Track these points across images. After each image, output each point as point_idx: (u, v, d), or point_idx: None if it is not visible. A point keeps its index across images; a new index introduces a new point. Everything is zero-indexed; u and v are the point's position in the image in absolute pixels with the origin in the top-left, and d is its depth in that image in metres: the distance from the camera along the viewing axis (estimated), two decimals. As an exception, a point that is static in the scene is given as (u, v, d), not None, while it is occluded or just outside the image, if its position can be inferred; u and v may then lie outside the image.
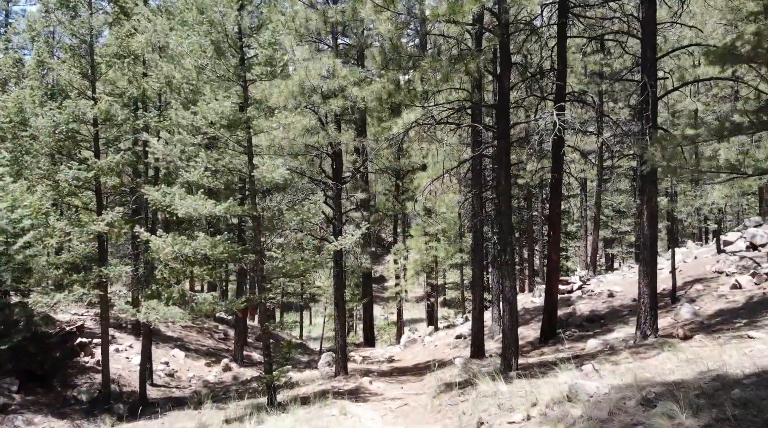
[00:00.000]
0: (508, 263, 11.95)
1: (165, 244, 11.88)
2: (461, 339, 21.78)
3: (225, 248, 12.52)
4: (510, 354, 11.93)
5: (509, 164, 12.18)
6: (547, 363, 13.72)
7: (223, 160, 12.08)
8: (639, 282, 12.72)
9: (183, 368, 20.57)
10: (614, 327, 17.19)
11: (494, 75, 12.22)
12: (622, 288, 21.90)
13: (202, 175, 12.19)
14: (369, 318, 32.15)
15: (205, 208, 11.24)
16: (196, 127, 12.09)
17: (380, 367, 20.55)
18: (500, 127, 11.87)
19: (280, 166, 11.59)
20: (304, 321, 41.32)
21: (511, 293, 11.97)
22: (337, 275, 17.45)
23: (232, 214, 12.04)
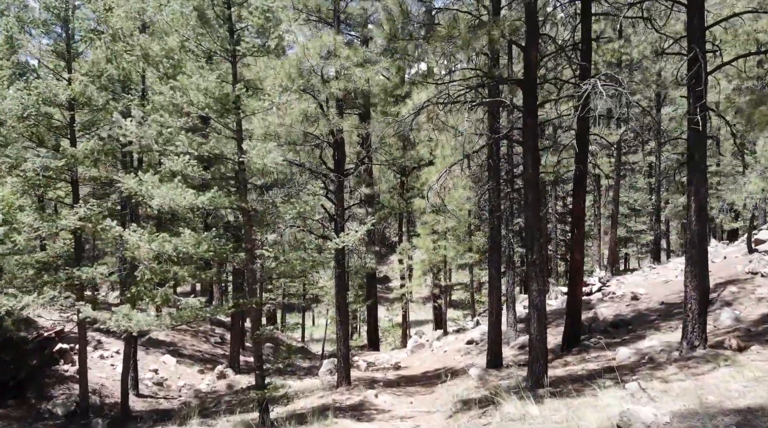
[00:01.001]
0: (535, 263, 10.17)
1: (141, 241, 10.12)
2: (473, 344, 19.99)
3: (211, 246, 10.77)
4: (538, 369, 10.15)
5: (537, 148, 10.40)
6: (577, 377, 11.93)
7: (207, 144, 10.31)
8: (686, 286, 10.91)
9: (174, 376, 18.83)
10: (645, 334, 15.37)
11: (519, 46, 10.43)
12: (646, 290, 20.08)
13: (186, 163, 10.44)
14: (373, 321, 30.38)
15: (183, 199, 9.48)
16: (176, 105, 10.33)
17: (386, 375, 18.77)
18: (527, 104, 10.09)
19: (273, 151, 9.83)
20: (307, 321, 39.58)
21: (539, 298, 10.19)
22: (339, 276, 15.69)
23: (217, 206, 10.28)
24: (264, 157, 9.87)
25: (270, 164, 10.29)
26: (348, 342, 15.88)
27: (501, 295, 14.46)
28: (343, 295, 15.79)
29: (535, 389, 10.10)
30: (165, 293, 12.63)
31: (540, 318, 10.23)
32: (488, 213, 14.11)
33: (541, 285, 10.32)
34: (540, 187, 23.05)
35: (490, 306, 14.37)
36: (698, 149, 10.57)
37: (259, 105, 10.70)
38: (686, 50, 10.88)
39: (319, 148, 15.88)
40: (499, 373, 14.00)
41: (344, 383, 15.79)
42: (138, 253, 10.33)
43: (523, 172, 10.58)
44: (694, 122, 10.24)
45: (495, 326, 14.23)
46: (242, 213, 11.18)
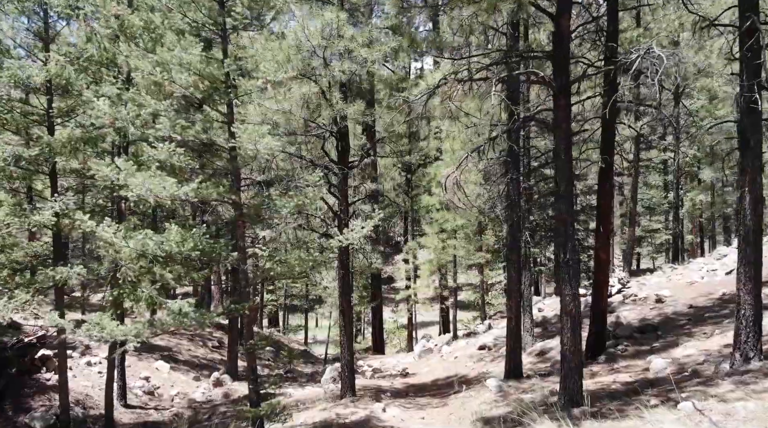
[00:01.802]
0: (568, 264, 8.74)
1: (117, 238, 8.72)
2: (485, 350, 18.55)
3: (198, 244, 9.36)
4: (572, 385, 8.71)
5: (570, 131, 8.98)
6: (613, 392, 10.48)
7: (193, 128, 8.91)
8: (738, 289, 9.43)
9: (167, 384, 17.44)
10: (677, 341, 13.91)
11: (548, 14, 9.00)
12: (670, 292, 18.60)
13: (172, 151, 9.04)
14: (378, 323, 28.95)
15: (163, 189, 8.09)
16: (159, 84, 8.92)
17: (393, 383, 17.34)
18: (558, 81, 8.65)
19: (267, 136, 8.40)
20: (310, 322, 38.15)
21: (573, 304, 8.76)
22: (343, 278, 14.28)
23: (204, 198, 8.89)
24: (256, 141, 8.45)
25: (264, 150, 8.90)
26: (352, 349, 14.47)
27: (521, 299, 13.02)
28: (348, 299, 14.37)
29: (570, 408, 8.65)
30: (150, 296, 11.26)
31: (574, 328, 8.80)
32: (507, 208, 12.67)
33: (575, 290, 8.88)
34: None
35: (508, 311, 12.93)
36: (754, 132, 9.11)
37: (252, 84, 9.28)
38: (737, 22, 9.44)
39: (321, 139, 14.48)
40: (520, 385, 12.56)
41: (349, 393, 14.38)
42: (113, 251, 8.91)
43: (555, 158, 9.14)
44: (751, 101, 8.77)
45: (514, 333, 12.78)
46: (234, 207, 9.77)
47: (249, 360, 10.02)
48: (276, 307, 33.19)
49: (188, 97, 9.16)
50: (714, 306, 16.51)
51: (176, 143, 9.14)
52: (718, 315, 15.59)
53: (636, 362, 13.31)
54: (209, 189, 8.80)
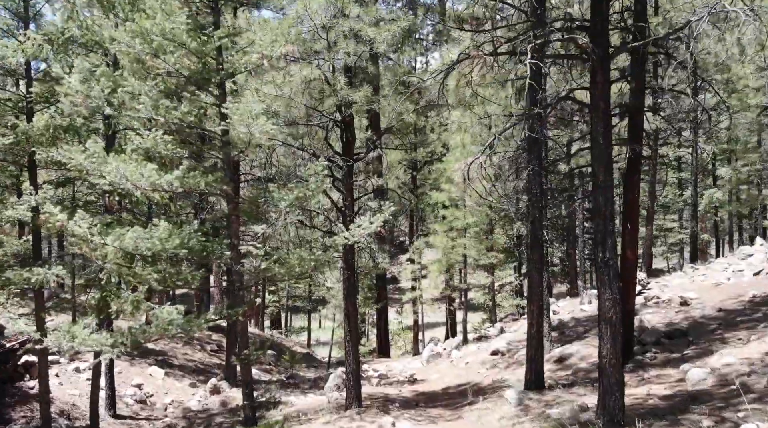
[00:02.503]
0: (608, 263, 7.54)
1: (90, 233, 7.55)
2: (499, 356, 17.32)
3: (186, 242, 8.20)
4: (613, 403, 7.52)
5: (610, 112, 7.76)
6: (653, 409, 9.26)
7: (179, 110, 7.73)
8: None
9: (160, 391, 16.29)
10: (711, 348, 12.69)
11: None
12: (696, 294, 17.35)
13: (159, 138, 7.89)
14: (383, 325, 27.76)
15: (141, 177, 6.93)
16: (140, 61, 7.75)
17: (401, 391, 16.13)
18: (598, 53, 7.43)
19: (261, 115, 7.23)
20: (314, 324, 36.98)
21: (614, 310, 7.58)
22: (348, 279, 13.06)
23: (190, 188, 7.74)
24: (249, 123, 7.27)
25: (259, 134, 7.74)
26: (358, 356, 13.28)
27: (543, 303, 11.81)
28: (353, 301, 13.17)
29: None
30: (135, 299, 10.09)
31: (614, 337, 7.60)
32: (528, 203, 11.45)
33: (616, 293, 7.68)
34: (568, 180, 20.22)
35: (529, 315, 11.73)
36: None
37: (247, 60, 8.09)
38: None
39: (324, 130, 13.29)
40: (543, 397, 11.35)
41: (354, 404, 13.16)
42: (88, 249, 7.75)
43: (592, 144, 7.94)
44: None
45: (536, 339, 11.58)
46: (226, 200, 8.60)
47: (243, 372, 8.86)
48: (278, 308, 32.03)
49: (174, 73, 7.98)
50: (745, 309, 15.27)
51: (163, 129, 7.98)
52: (751, 318, 14.37)
53: (668, 371, 12.10)
54: (197, 178, 7.65)
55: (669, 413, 8.60)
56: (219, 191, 8.33)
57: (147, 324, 9.05)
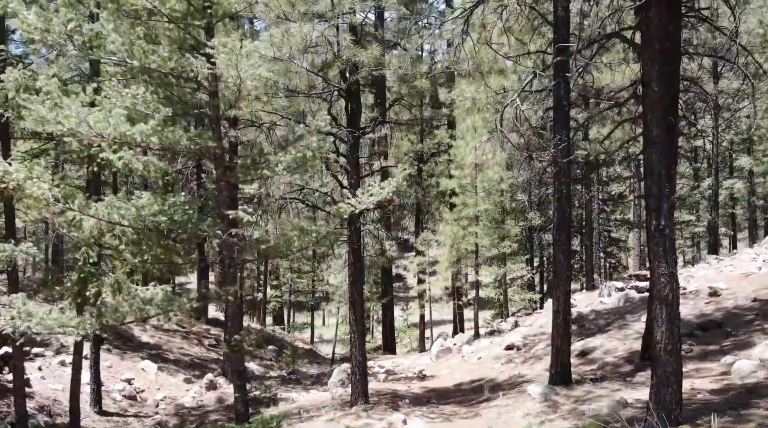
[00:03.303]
0: (664, 232, 6.29)
1: (52, 197, 6.35)
2: (514, 350, 16.04)
3: (167, 209, 6.99)
4: (670, 397, 6.28)
5: (667, 51, 6.49)
6: (706, 404, 8.00)
7: (157, 52, 6.51)
8: None
9: (152, 386, 15.08)
10: (751, 340, 11.43)
11: None
12: (725, 284, 16.04)
13: (140, 96, 6.68)
14: (389, 321, 26.53)
15: (108, 125, 5.70)
16: None
17: (410, 387, 14.89)
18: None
19: (254, 54, 6.01)
20: (317, 321, 35.73)
21: (671, 287, 6.36)
22: (353, 264, 11.85)
23: (168, 144, 6.51)
24: (239, 64, 6.03)
25: (251, 82, 6.49)
26: (364, 348, 12.05)
27: (570, 288, 10.55)
28: (359, 289, 11.95)
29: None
30: (117, 280, 8.89)
31: (671, 319, 6.35)
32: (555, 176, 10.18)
33: (673, 267, 6.44)
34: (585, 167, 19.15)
35: (555, 302, 10.47)
36: None
37: (237, 0, 6.87)
38: None
39: (328, 101, 12.08)
40: (571, 392, 10.08)
41: (360, 400, 11.93)
42: (52, 217, 6.55)
43: (644, 91, 6.70)
44: None
45: (562, 328, 10.32)
46: (215, 162, 7.37)
47: (235, 362, 7.64)
48: (280, 304, 30.78)
49: (156, 12, 6.75)
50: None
51: (143, 79, 6.76)
52: (790, 308, 13.11)
53: (707, 364, 10.82)
54: (177, 132, 6.40)
55: (728, 408, 7.35)
56: (205, 151, 7.12)
57: (101, 306, 7.81)
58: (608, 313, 16.67)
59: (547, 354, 15.29)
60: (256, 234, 6.88)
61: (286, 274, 29.56)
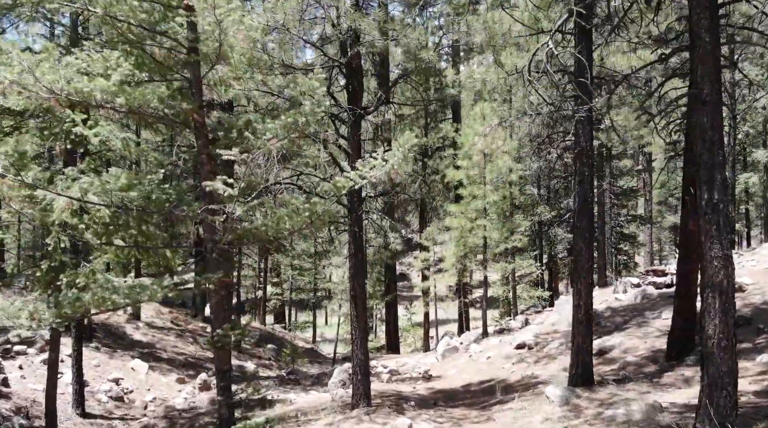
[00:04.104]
0: (717, 208, 5.31)
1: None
2: (525, 349, 15.03)
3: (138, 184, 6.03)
4: (725, 401, 5.30)
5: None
6: (754, 408, 6.98)
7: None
8: None
9: (142, 387, 14.12)
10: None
11: None
12: (750, 279, 15.00)
13: (113, 61, 5.73)
14: (393, 320, 25.56)
15: (59, 80, 4.73)
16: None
17: (415, 388, 13.89)
18: None
19: (237, 1, 5.03)
20: (320, 320, 34.73)
21: (725, 272, 5.40)
22: (354, 255, 10.87)
23: (137, 105, 5.53)
24: (218, 12, 5.07)
25: (233, 36, 5.52)
26: (366, 346, 11.06)
27: (592, 280, 9.53)
28: (361, 282, 10.96)
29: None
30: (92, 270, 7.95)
31: (726, 309, 5.36)
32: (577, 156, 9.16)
33: (726, 248, 5.42)
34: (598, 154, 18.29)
35: (576, 296, 9.45)
36: None
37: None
38: None
39: (327, 78, 11.07)
40: (594, 395, 9.06)
41: (362, 402, 10.93)
42: (10, 197, 5.59)
43: (693, 43, 5.70)
44: None
45: (584, 325, 9.31)
46: (195, 130, 6.40)
47: (219, 361, 6.66)
48: (281, 302, 29.80)
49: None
50: (816, 295, 12.95)
51: (105, 25, 5.79)
52: (824, 304, 12.07)
53: (743, 363, 9.71)
54: (146, 91, 5.42)
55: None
56: (182, 117, 6.15)
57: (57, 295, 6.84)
58: (625, 310, 15.63)
59: (561, 353, 14.29)
60: (239, 211, 5.91)
61: (287, 271, 28.59)
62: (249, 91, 10.00)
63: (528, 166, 19.79)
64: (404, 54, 9.73)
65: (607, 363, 12.08)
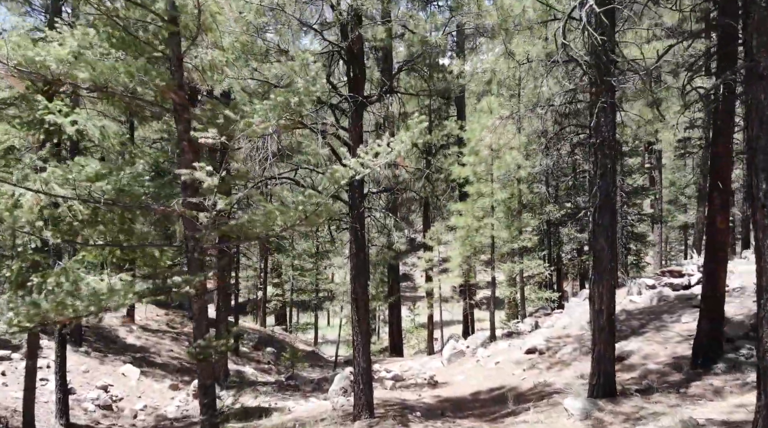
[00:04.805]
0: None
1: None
2: (536, 354, 14.20)
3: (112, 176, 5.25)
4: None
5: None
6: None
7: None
8: None
9: (133, 394, 13.32)
10: (826, 343, 9.46)
11: None
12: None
13: (90, 36, 4.95)
14: (396, 322, 24.74)
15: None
16: None
17: (420, 396, 13.08)
18: None
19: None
20: (322, 321, 33.91)
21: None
22: (356, 254, 10.07)
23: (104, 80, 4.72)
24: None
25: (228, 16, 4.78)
26: (368, 353, 10.24)
27: (615, 282, 8.70)
28: (362, 283, 10.15)
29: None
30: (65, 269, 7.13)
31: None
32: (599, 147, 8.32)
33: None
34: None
35: (597, 300, 8.61)
36: None
37: None
38: None
39: (326, 65, 10.30)
40: (618, 407, 8.23)
41: (364, 413, 10.13)
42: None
43: (747, 7, 4.84)
44: None
45: (606, 331, 8.48)
46: (174, 113, 5.61)
47: (201, 374, 5.86)
48: (282, 303, 29.00)
49: None
50: None
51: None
52: None
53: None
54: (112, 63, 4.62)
55: None
56: (158, 96, 5.35)
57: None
58: (641, 313, 14.77)
59: (575, 359, 13.47)
60: (221, 204, 5.10)
61: (287, 272, 27.79)
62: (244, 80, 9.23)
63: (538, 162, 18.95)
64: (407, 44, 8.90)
65: (626, 371, 11.25)
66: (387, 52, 11.12)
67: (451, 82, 11.30)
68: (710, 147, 10.08)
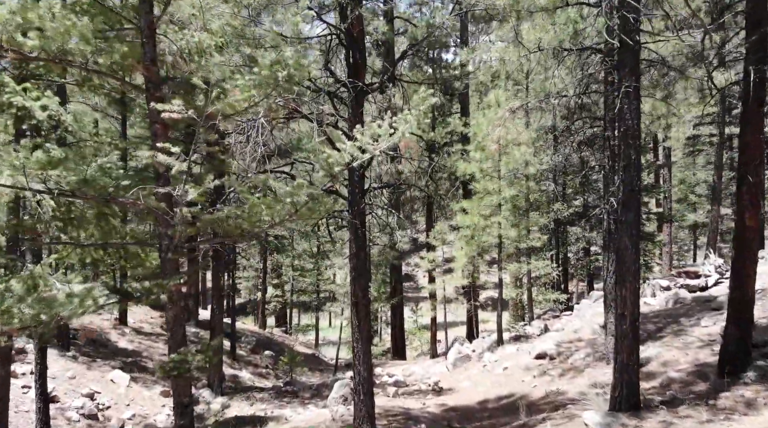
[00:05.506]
0: None
1: None
2: (547, 360, 13.41)
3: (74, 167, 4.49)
4: None
5: None
6: None
7: None
8: None
9: (121, 402, 12.57)
10: None
11: None
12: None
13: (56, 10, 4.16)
14: (399, 323, 23.95)
15: None
16: None
17: (425, 404, 12.30)
18: None
19: None
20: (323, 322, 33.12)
21: None
22: (356, 254, 9.31)
23: (53, 48, 3.93)
24: None
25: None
26: (370, 360, 9.47)
27: (639, 284, 7.89)
28: (363, 285, 9.39)
29: None
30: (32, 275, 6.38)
31: None
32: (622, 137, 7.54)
33: None
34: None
35: (620, 304, 7.83)
36: None
37: None
38: None
39: (324, 51, 9.56)
40: (643, 422, 7.43)
41: (365, 424, 9.36)
42: None
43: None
44: None
45: (630, 338, 7.71)
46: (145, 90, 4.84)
47: (177, 391, 5.08)
48: (282, 304, 28.23)
49: None
50: None
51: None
52: None
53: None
54: (65, 23, 3.85)
55: None
56: (123, 68, 4.59)
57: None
58: (657, 316, 13.95)
59: (588, 365, 12.66)
60: (192, 195, 4.33)
61: (288, 272, 27.02)
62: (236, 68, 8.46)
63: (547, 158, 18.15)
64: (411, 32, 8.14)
65: (646, 379, 10.43)
66: (389, 50, 10.36)
67: (456, 69, 10.50)
68: (738, 137, 9.27)
